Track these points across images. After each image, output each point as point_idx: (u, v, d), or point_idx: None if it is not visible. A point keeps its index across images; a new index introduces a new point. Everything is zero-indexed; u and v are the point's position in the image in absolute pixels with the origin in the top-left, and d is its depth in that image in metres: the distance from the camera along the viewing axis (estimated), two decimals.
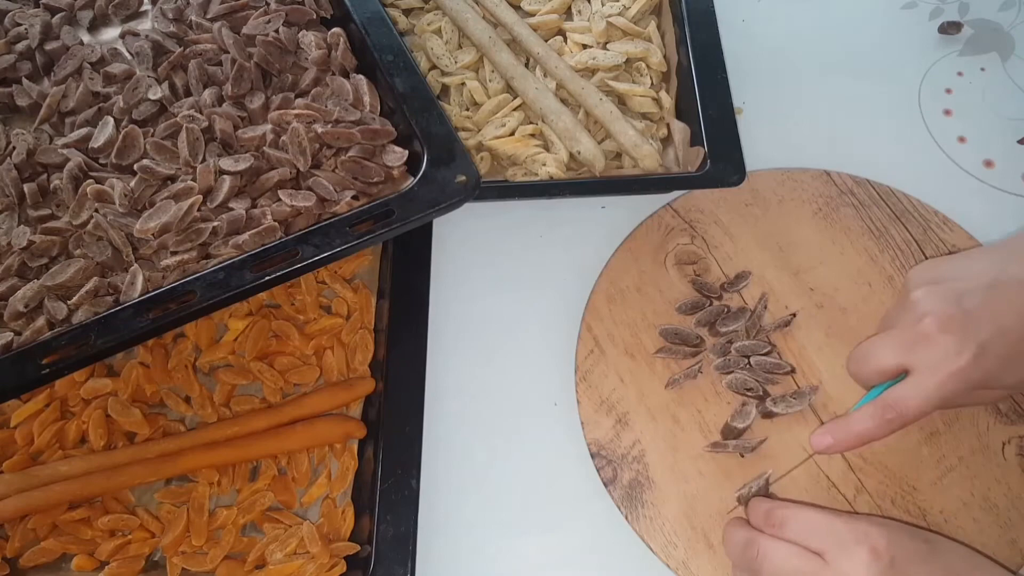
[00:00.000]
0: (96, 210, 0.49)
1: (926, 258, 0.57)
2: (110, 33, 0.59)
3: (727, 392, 0.53)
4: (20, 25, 0.57)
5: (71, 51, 0.56)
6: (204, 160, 0.50)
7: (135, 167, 0.49)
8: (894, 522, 0.43)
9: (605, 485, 0.50)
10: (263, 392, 0.53)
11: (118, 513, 0.48)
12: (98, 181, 0.50)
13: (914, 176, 0.61)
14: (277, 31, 0.55)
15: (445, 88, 0.63)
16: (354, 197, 0.50)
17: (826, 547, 0.40)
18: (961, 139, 0.64)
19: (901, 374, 0.44)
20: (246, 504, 0.49)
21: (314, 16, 0.58)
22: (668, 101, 0.61)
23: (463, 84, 0.62)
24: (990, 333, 0.41)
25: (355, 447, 0.51)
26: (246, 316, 0.54)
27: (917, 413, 0.42)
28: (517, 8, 0.65)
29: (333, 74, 0.55)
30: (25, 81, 0.55)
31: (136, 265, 0.47)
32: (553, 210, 0.61)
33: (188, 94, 0.54)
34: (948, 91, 0.66)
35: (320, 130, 0.51)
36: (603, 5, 0.64)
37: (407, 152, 0.52)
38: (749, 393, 0.52)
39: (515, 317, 0.57)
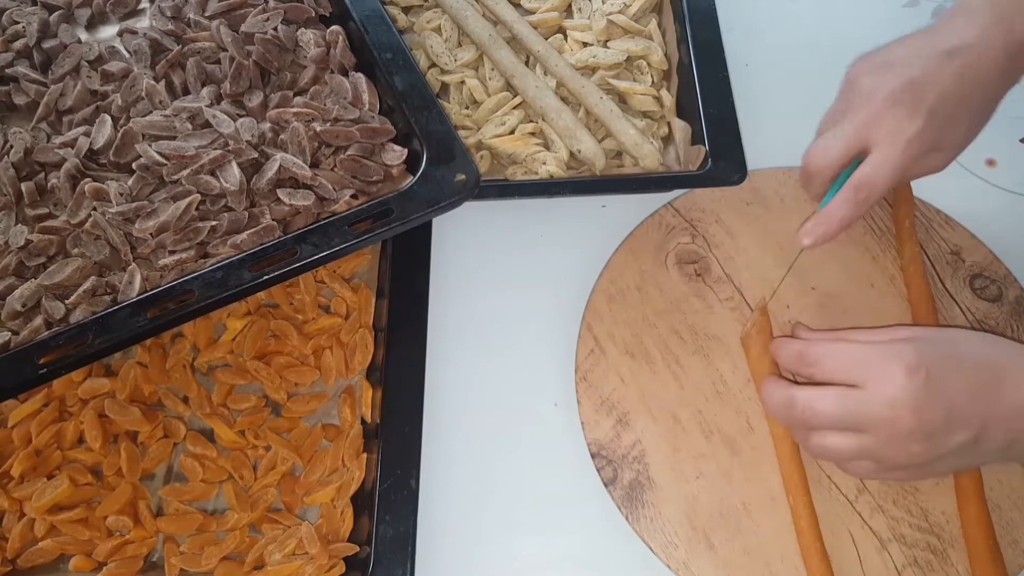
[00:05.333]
0: (94, 208, 0.48)
1: (928, 259, 0.57)
2: (108, 31, 0.59)
3: (727, 391, 0.53)
4: (18, 23, 0.57)
5: (69, 49, 0.56)
6: None
7: (133, 165, 0.49)
8: (918, 329, 0.45)
9: (605, 485, 0.50)
10: (263, 391, 0.52)
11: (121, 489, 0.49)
12: (96, 180, 0.50)
13: None
14: (276, 29, 0.55)
15: (444, 86, 0.63)
16: (353, 196, 0.50)
17: (864, 376, 0.42)
18: None
19: (855, 162, 0.47)
20: (253, 497, 0.49)
21: (313, 14, 0.58)
22: (669, 99, 0.61)
23: (463, 82, 0.62)
24: (934, 97, 0.45)
25: (364, 457, 0.50)
26: (244, 315, 0.54)
27: (886, 183, 0.46)
28: (517, 6, 0.64)
29: (332, 72, 0.55)
30: (23, 79, 0.55)
31: (134, 264, 0.47)
32: (553, 209, 0.61)
33: (186, 92, 0.54)
34: None
35: (319, 128, 0.51)
36: (604, 3, 0.64)
37: (406, 151, 0.52)
38: None
39: (515, 316, 0.57)
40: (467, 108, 0.62)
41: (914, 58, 0.47)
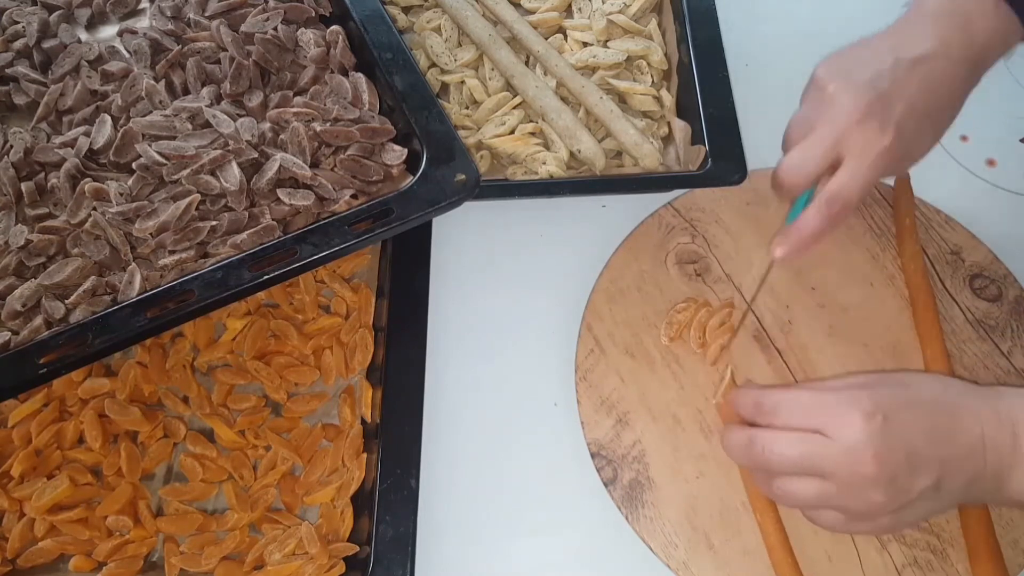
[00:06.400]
0: (94, 208, 0.48)
1: (928, 258, 0.57)
2: (108, 31, 0.59)
3: None
4: (18, 23, 0.57)
5: (69, 49, 0.56)
6: None
7: (133, 165, 0.49)
8: (872, 376, 0.45)
9: (605, 485, 0.50)
10: (263, 391, 0.52)
11: (121, 490, 0.49)
12: (96, 180, 0.50)
13: (916, 174, 0.60)
14: (276, 29, 0.55)
15: (444, 86, 0.63)
16: (353, 196, 0.50)
17: (822, 423, 0.41)
18: (963, 138, 0.64)
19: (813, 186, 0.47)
20: (253, 497, 0.49)
21: (313, 14, 0.58)
22: (669, 99, 0.61)
23: (463, 82, 0.62)
24: (903, 110, 0.45)
25: (364, 457, 0.50)
26: (244, 315, 0.54)
27: (857, 196, 0.45)
28: (517, 6, 0.64)
29: (332, 72, 0.55)
30: (23, 79, 0.55)
31: (134, 264, 0.47)
32: (553, 209, 0.60)
33: (186, 92, 0.54)
34: None
35: (319, 128, 0.51)
36: (604, 3, 0.64)
37: (406, 151, 0.52)
38: None
39: (515, 316, 0.57)
40: (467, 108, 0.62)
41: (880, 66, 0.46)
